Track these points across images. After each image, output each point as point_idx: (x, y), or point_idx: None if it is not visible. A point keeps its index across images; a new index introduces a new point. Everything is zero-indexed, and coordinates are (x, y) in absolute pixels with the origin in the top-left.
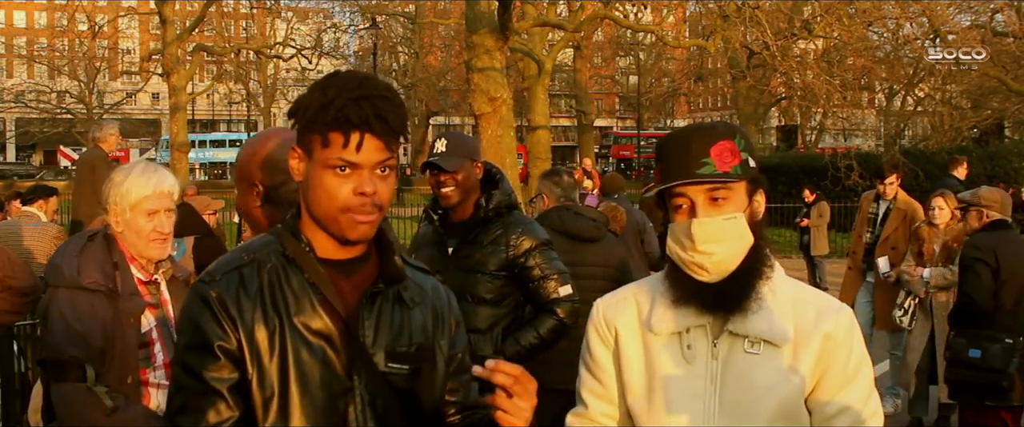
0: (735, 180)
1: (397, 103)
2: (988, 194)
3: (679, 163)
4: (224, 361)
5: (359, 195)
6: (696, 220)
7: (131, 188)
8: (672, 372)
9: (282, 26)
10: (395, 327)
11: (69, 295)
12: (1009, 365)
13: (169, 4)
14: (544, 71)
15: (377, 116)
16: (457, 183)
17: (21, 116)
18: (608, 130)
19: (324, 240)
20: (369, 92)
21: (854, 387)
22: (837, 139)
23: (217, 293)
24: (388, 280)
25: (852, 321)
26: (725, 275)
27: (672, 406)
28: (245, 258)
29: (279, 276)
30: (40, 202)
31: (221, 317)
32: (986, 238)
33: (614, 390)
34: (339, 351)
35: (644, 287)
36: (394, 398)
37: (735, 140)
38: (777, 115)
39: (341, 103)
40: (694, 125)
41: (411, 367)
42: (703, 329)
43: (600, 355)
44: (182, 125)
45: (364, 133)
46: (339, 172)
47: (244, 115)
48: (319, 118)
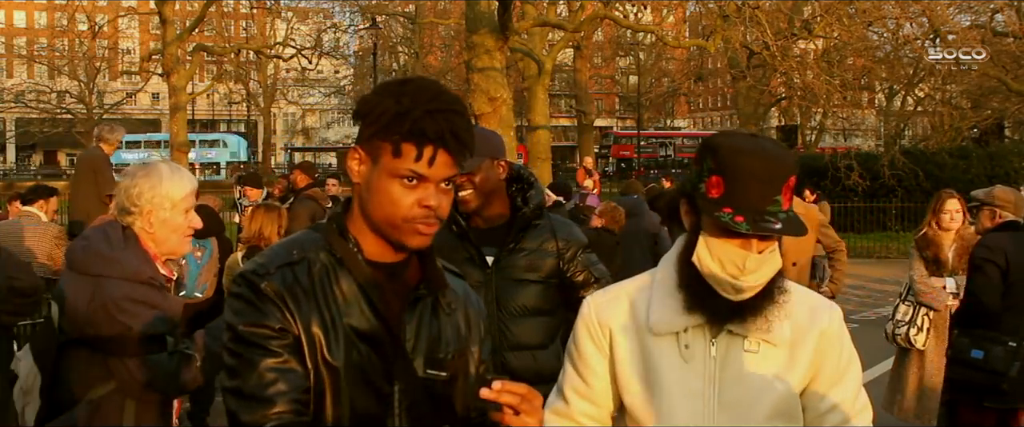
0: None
1: (468, 119)
2: (1002, 194)
3: (754, 196)
4: (288, 340)
5: (424, 208)
6: (751, 255)
7: (173, 187)
8: (670, 372)
9: (282, 26)
10: (434, 333)
11: (129, 288)
12: (1011, 368)
13: (169, 4)
14: (544, 71)
15: (452, 132)
16: (475, 185)
17: (21, 116)
18: (608, 130)
19: (373, 242)
20: (445, 106)
21: (845, 384)
22: (837, 139)
23: (273, 287)
24: (432, 286)
25: (842, 319)
26: (749, 296)
27: (671, 405)
28: (295, 255)
29: (329, 276)
30: (40, 202)
31: (281, 307)
32: (998, 238)
33: (600, 392)
34: (385, 355)
35: (637, 285)
36: (430, 404)
37: (797, 174)
38: (777, 115)
39: (418, 115)
40: (767, 147)
41: (448, 374)
42: (701, 329)
43: (590, 355)
44: (182, 125)
45: (438, 148)
46: (407, 183)
47: (244, 115)
48: (394, 127)
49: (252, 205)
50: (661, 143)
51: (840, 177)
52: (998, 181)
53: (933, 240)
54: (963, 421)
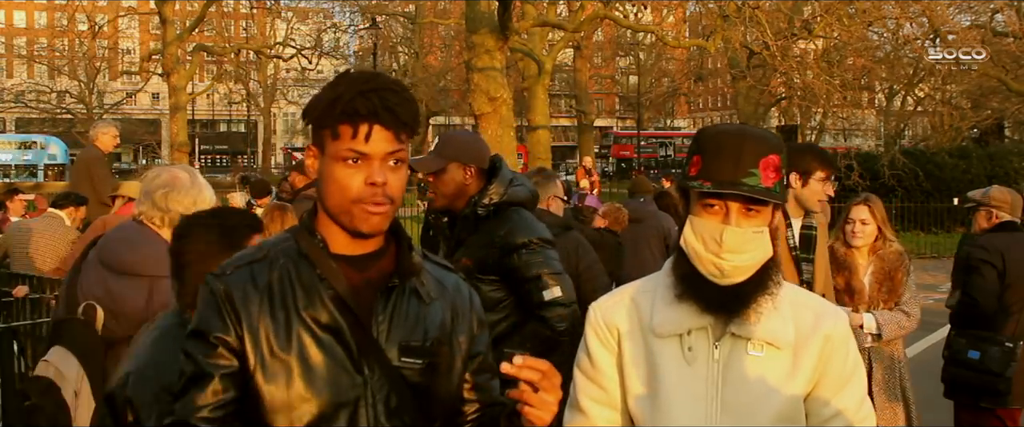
0: (774, 199)
1: (406, 97)
2: (998, 194)
3: (727, 166)
4: (221, 350)
5: (370, 185)
6: (729, 228)
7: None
8: (673, 374)
9: (282, 26)
10: (410, 322)
11: None
12: (1007, 369)
13: (169, 4)
14: (544, 71)
15: (385, 108)
16: (436, 185)
17: (21, 116)
18: (608, 130)
19: (338, 235)
20: (377, 86)
21: (849, 390)
22: (837, 139)
23: (224, 287)
24: (402, 275)
25: (848, 325)
26: (735, 281)
27: (674, 409)
28: (258, 254)
29: (289, 271)
30: (70, 209)
31: (225, 311)
32: (995, 239)
33: (616, 395)
34: (349, 345)
35: (641, 287)
36: (408, 392)
37: (782, 156)
38: (777, 115)
39: (350, 97)
40: (746, 128)
41: (425, 362)
42: (705, 331)
43: (601, 359)
44: (182, 125)
45: (373, 124)
46: (350, 164)
47: (244, 115)
48: (329, 112)
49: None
50: (661, 143)
51: (840, 177)
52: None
53: (842, 261)
54: (961, 422)
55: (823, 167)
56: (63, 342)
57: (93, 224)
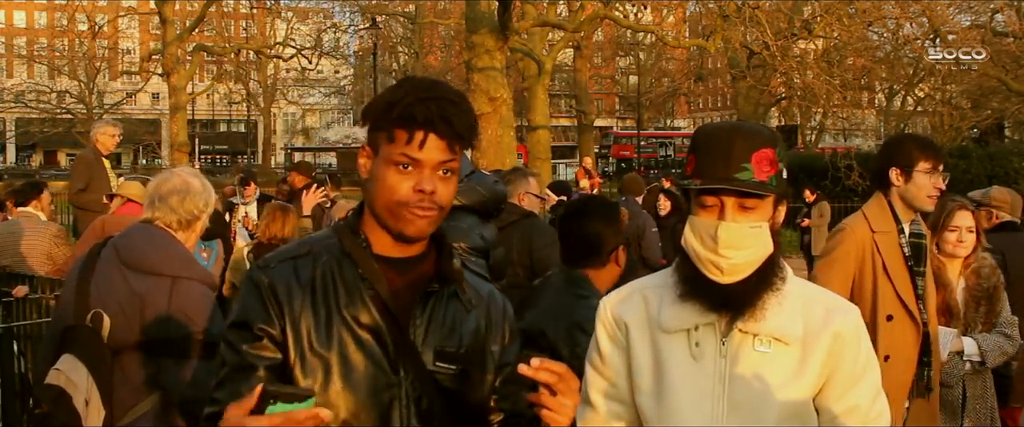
0: (770, 193)
1: (464, 108)
2: (998, 194)
3: (719, 163)
4: (265, 342)
5: (418, 192)
6: (723, 224)
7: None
8: (680, 370)
9: (282, 26)
10: (446, 327)
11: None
12: (1008, 368)
13: (169, 4)
14: (544, 71)
15: (442, 117)
16: None
17: (21, 116)
18: (608, 130)
19: (382, 237)
20: (437, 95)
21: (861, 387)
22: (837, 139)
23: (269, 280)
24: (442, 280)
25: (860, 320)
26: (737, 279)
27: (681, 405)
28: (302, 250)
29: (333, 269)
30: (34, 202)
31: (269, 303)
32: (995, 239)
33: (625, 390)
34: (387, 346)
35: (651, 283)
36: (440, 397)
37: (776, 150)
38: (777, 115)
39: (409, 102)
40: (738, 124)
41: (458, 368)
42: (712, 327)
43: (611, 354)
44: (182, 125)
45: (428, 132)
46: (401, 169)
47: (244, 115)
48: (386, 115)
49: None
50: (661, 143)
51: (840, 177)
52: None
53: (937, 275)
54: None
55: (927, 156)
56: (72, 349)
57: (92, 225)
